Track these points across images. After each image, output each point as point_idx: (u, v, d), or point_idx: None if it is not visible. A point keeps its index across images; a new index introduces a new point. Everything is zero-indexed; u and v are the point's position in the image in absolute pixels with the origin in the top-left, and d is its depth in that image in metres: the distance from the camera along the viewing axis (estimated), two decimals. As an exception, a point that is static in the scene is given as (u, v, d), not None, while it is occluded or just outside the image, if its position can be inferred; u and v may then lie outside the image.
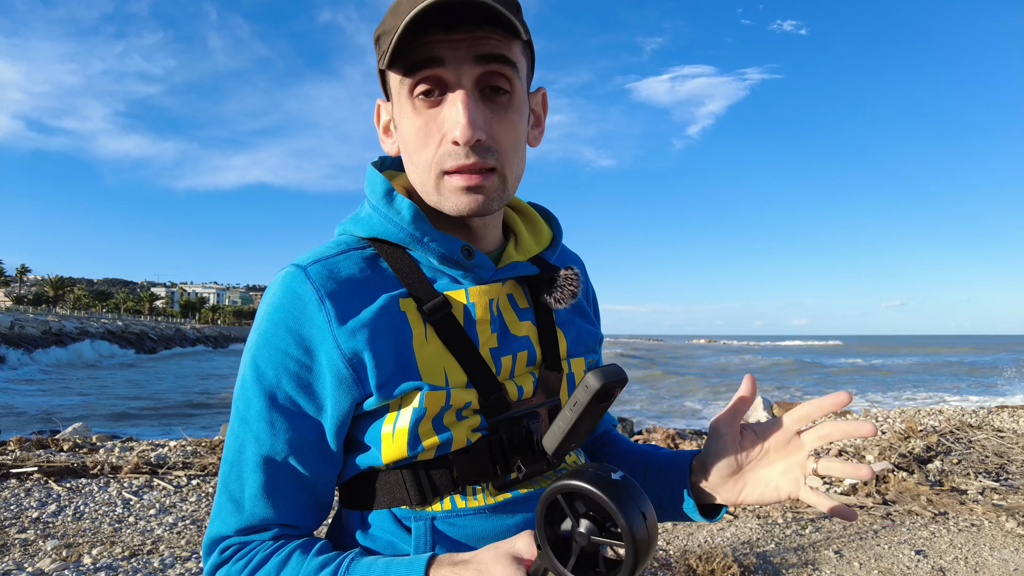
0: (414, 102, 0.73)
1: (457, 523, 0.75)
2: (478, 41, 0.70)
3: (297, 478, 0.76)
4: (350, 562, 0.70)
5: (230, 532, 0.76)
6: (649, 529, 0.57)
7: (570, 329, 0.89)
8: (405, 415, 0.73)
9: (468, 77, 0.71)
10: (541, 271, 0.85)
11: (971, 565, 3.87)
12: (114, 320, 70.05)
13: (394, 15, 0.72)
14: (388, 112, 0.82)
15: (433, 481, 0.75)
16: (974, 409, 9.85)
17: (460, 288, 0.79)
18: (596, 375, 0.63)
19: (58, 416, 15.69)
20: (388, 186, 0.79)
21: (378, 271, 0.78)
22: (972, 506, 4.92)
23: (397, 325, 0.75)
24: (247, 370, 0.76)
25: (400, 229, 0.77)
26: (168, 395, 24.19)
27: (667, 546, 4.07)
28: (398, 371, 0.74)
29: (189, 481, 5.51)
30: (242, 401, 0.76)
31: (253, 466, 0.75)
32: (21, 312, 58.21)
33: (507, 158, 0.74)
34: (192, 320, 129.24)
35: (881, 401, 20.55)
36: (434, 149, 0.73)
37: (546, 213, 0.94)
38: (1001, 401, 15.57)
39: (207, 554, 0.78)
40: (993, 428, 7.92)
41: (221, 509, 0.77)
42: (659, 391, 25.57)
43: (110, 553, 3.83)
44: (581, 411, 0.66)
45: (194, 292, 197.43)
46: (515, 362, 0.81)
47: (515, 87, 0.74)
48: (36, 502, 4.77)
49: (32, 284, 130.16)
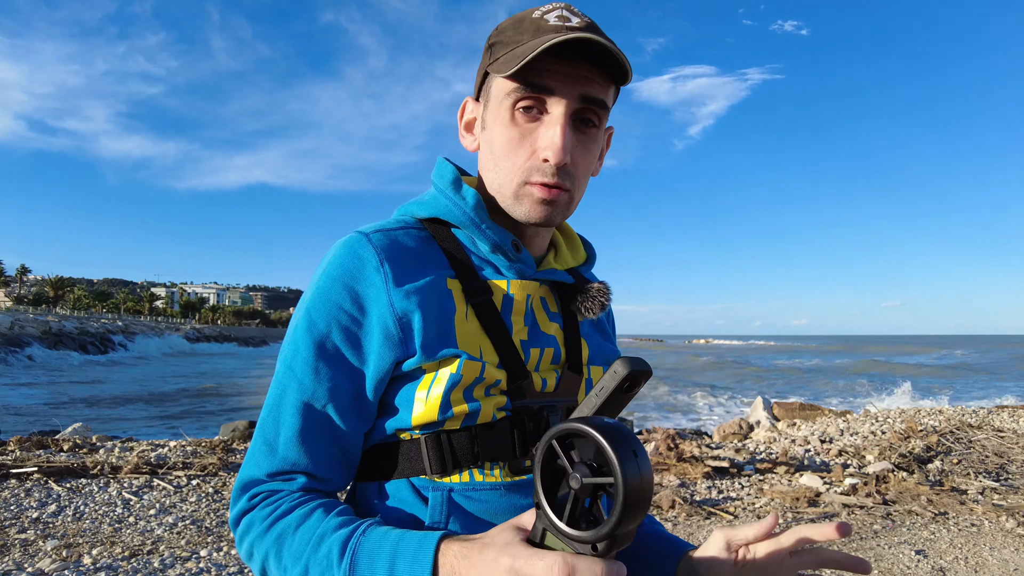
0: (513, 113, 0.81)
1: (473, 496, 0.79)
2: (585, 81, 0.79)
3: (332, 429, 0.79)
4: (367, 527, 0.72)
5: (261, 475, 0.80)
6: (641, 468, 0.55)
7: (592, 341, 0.95)
8: (441, 380, 0.78)
9: (569, 108, 0.79)
10: (575, 282, 0.92)
11: (971, 565, 3.87)
12: (114, 320, 70.01)
13: (517, 30, 0.81)
14: (474, 112, 0.90)
15: (455, 451, 0.79)
16: (974, 409, 9.85)
17: (503, 279, 0.85)
18: (624, 362, 0.63)
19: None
20: (457, 175, 0.87)
21: (432, 250, 0.85)
22: (972, 506, 4.92)
23: (443, 299, 0.81)
24: (299, 320, 0.81)
25: (463, 212, 0.84)
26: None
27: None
28: (440, 338, 0.79)
29: (189, 481, 5.51)
30: (290, 348, 0.81)
31: (292, 411, 0.79)
32: (21, 312, 58.19)
33: (579, 183, 0.83)
34: (192, 320, 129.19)
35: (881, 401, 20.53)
36: (524, 159, 0.81)
37: (584, 238, 1.03)
38: (999, 402, 15.56)
39: (236, 499, 0.81)
40: (993, 428, 7.91)
41: (255, 452, 0.81)
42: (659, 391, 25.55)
43: (110, 553, 3.83)
44: (607, 397, 0.65)
45: (194, 292, 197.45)
46: (542, 356, 0.86)
47: (600, 125, 0.83)
48: (36, 502, 4.77)
49: (32, 284, 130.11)
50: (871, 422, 8.61)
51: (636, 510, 0.55)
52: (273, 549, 0.75)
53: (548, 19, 0.79)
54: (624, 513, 0.54)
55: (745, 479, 5.86)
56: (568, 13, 0.81)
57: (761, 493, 5.37)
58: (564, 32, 0.76)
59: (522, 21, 0.81)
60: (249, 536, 0.78)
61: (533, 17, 0.81)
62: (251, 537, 0.78)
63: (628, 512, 0.54)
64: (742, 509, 4.94)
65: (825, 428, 8.51)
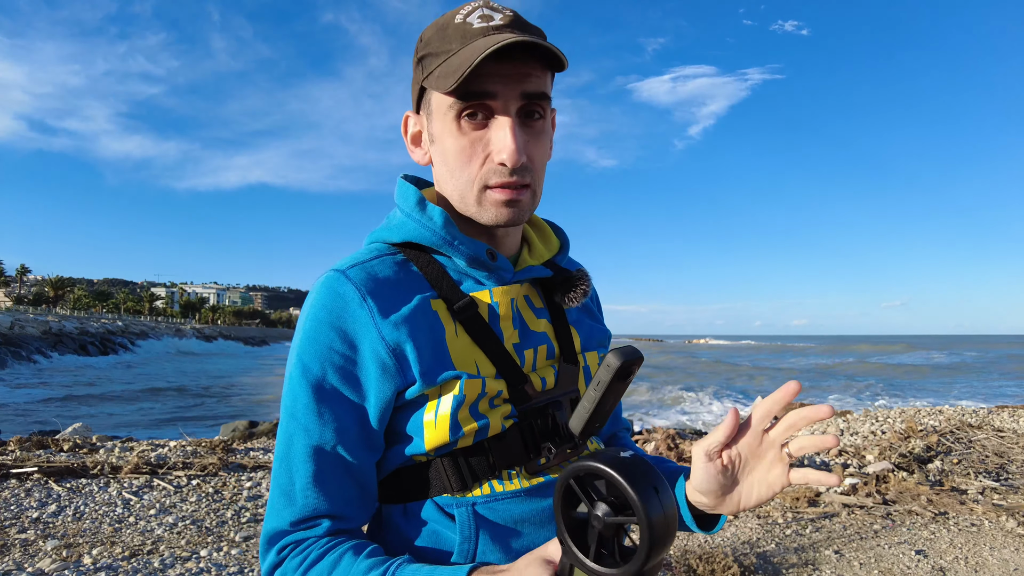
0: (460, 123, 0.81)
1: (497, 507, 0.81)
2: (524, 77, 0.79)
3: (345, 467, 0.80)
4: (398, 566, 0.74)
5: (285, 525, 0.80)
6: (664, 504, 0.57)
7: (582, 327, 0.97)
8: (446, 403, 0.79)
9: (513, 107, 0.80)
10: (554, 274, 0.93)
11: (971, 565, 3.87)
12: (114, 320, 69.99)
13: (443, 38, 0.80)
14: (418, 124, 0.90)
15: (472, 467, 0.81)
16: (974, 409, 9.85)
17: (484, 289, 0.86)
18: (616, 354, 0.67)
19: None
20: (420, 196, 0.87)
21: (409, 274, 0.85)
22: (972, 506, 4.92)
23: (431, 323, 0.82)
24: (293, 368, 0.81)
25: (433, 233, 0.84)
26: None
27: (667, 546, 4.08)
28: (436, 362, 0.80)
29: (189, 481, 5.51)
30: (290, 397, 0.81)
31: (303, 458, 0.80)
32: (21, 312, 58.18)
33: (538, 175, 0.85)
34: (192, 320, 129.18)
35: (882, 401, 20.54)
36: (478, 166, 0.81)
37: (553, 225, 1.03)
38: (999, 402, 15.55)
39: (264, 553, 0.82)
40: (993, 428, 7.91)
41: (275, 504, 0.82)
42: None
43: (110, 553, 3.83)
44: (604, 389, 0.69)
45: (194, 292, 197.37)
46: (536, 355, 0.88)
47: (546, 114, 0.84)
48: (36, 502, 4.77)
49: (32, 284, 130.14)
50: (871, 422, 8.61)
51: (662, 546, 0.56)
52: None
53: (471, 22, 0.79)
54: (651, 551, 0.55)
55: (745, 479, 5.87)
56: (488, 11, 0.81)
57: (761, 493, 5.38)
58: (490, 33, 0.78)
59: (445, 28, 0.81)
60: None
61: (456, 23, 0.80)
62: None
63: (655, 549, 0.56)
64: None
65: (825, 428, 8.51)
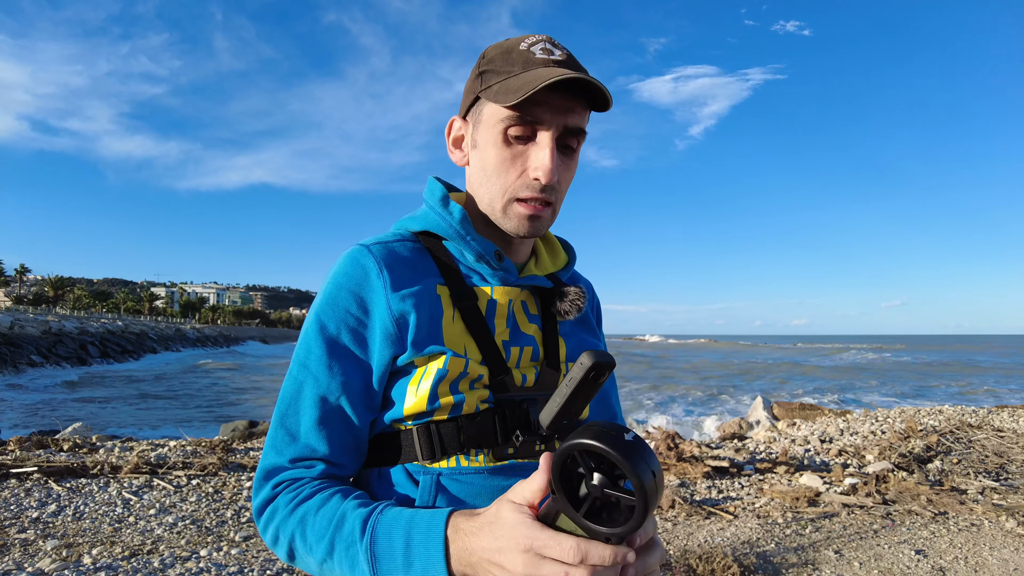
0: (506, 136, 0.89)
1: (460, 479, 0.88)
2: (569, 111, 0.88)
3: (345, 419, 0.88)
4: (384, 506, 0.80)
5: (284, 462, 0.88)
6: (658, 483, 0.64)
7: (572, 340, 1.03)
8: (430, 374, 0.87)
9: (555, 135, 0.89)
10: (555, 286, 1.01)
11: (971, 565, 3.87)
12: (114, 320, 70.01)
13: (507, 60, 0.89)
14: (463, 129, 0.98)
15: (443, 439, 0.88)
16: (974, 409, 9.85)
17: (488, 285, 0.95)
18: (589, 355, 0.72)
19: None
20: (445, 193, 0.96)
21: (424, 260, 0.94)
22: (972, 506, 4.92)
23: (432, 304, 0.90)
24: (311, 324, 0.90)
25: (450, 226, 0.94)
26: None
27: (667, 546, 4.07)
28: (429, 336, 0.88)
29: (189, 481, 5.51)
30: (304, 349, 0.90)
31: (311, 403, 0.88)
32: (21, 312, 58.16)
33: (561, 197, 0.94)
34: (192, 320, 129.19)
35: (882, 401, 20.54)
36: (514, 178, 0.90)
37: (564, 242, 1.12)
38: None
39: (258, 488, 0.89)
40: (993, 428, 7.91)
41: (277, 441, 0.89)
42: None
43: (110, 553, 3.83)
44: (575, 386, 0.74)
45: (194, 292, 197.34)
46: (522, 354, 0.95)
47: (578, 148, 0.94)
48: (36, 502, 4.77)
49: (32, 284, 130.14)
50: (871, 422, 8.61)
51: (648, 514, 0.63)
52: (298, 530, 0.83)
53: (535, 52, 0.89)
54: (641, 518, 0.63)
55: (745, 479, 5.86)
56: (551, 46, 0.90)
57: (761, 493, 5.37)
58: (550, 64, 0.87)
59: (510, 52, 0.90)
60: (274, 521, 0.85)
61: (520, 49, 0.90)
62: (276, 521, 0.85)
63: (644, 516, 0.63)
64: (742, 509, 4.94)
65: (825, 428, 8.51)
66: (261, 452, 0.92)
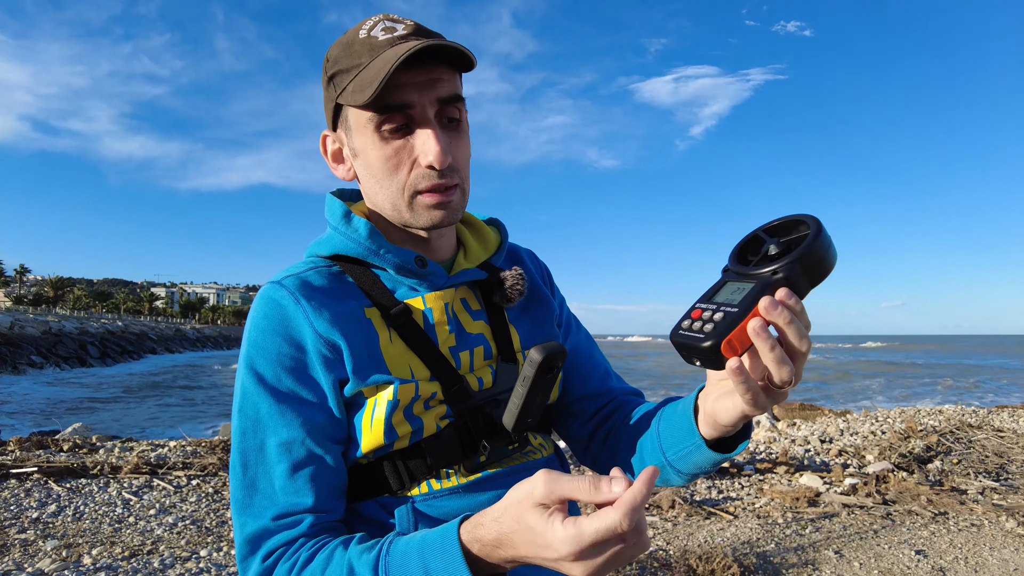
0: (381, 133, 0.82)
1: (435, 504, 0.84)
2: (436, 83, 0.81)
3: (317, 460, 0.82)
4: (391, 541, 0.74)
5: (267, 523, 0.79)
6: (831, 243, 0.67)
7: (522, 324, 0.97)
8: (380, 407, 0.81)
9: (431, 112, 0.82)
10: (489, 275, 0.94)
11: (971, 565, 3.87)
12: (114, 320, 69.99)
13: (351, 54, 0.82)
14: (337, 141, 0.91)
15: (409, 469, 0.84)
16: (974, 409, 9.85)
17: (417, 295, 0.88)
18: (538, 349, 0.70)
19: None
20: (345, 209, 0.89)
21: (343, 284, 0.87)
22: (972, 506, 4.92)
23: (364, 329, 0.84)
24: (246, 379, 0.83)
25: (358, 244, 0.87)
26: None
27: (667, 546, 4.07)
28: (370, 363, 0.82)
29: (189, 481, 5.51)
30: (250, 407, 0.83)
31: (277, 456, 0.81)
32: (21, 312, 58.16)
33: (464, 174, 0.87)
34: (192, 320, 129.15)
35: (881, 401, 20.53)
36: (406, 173, 0.83)
37: (493, 221, 1.04)
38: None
39: (247, 560, 0.80)
40: (993, 428, 7.91)
41: (251, 505, 0.81)
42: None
43: (110, 553, 3.83)
44: (530, 384, 0.72)
45: (194, 292, 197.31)
46: (472, 357, 0.89)
47: (463, 114, 0.87)
48: (36, 502, 4.77)
49: (32, 284, 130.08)
50: (871, 422, 8.61)
51: (818, 265, 0.65)
52: None
53: (376, 35, 0.81)
54: (812, 246, 0.64)
55: (745, 479, 5.86)
56: (390, 23, 0.83)
57: (761, 493, 5.37)
58: (396, 43, 0.80)
59: (351, 44, 0.83)
60: None
61: (360, 38, 0.82)
62: None
63: (813, 253, 0.64)
64: (742, 509, 4.93)
65: (825, 428, 8.51)
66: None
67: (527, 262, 1.06)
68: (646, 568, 3.65)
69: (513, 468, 0.89)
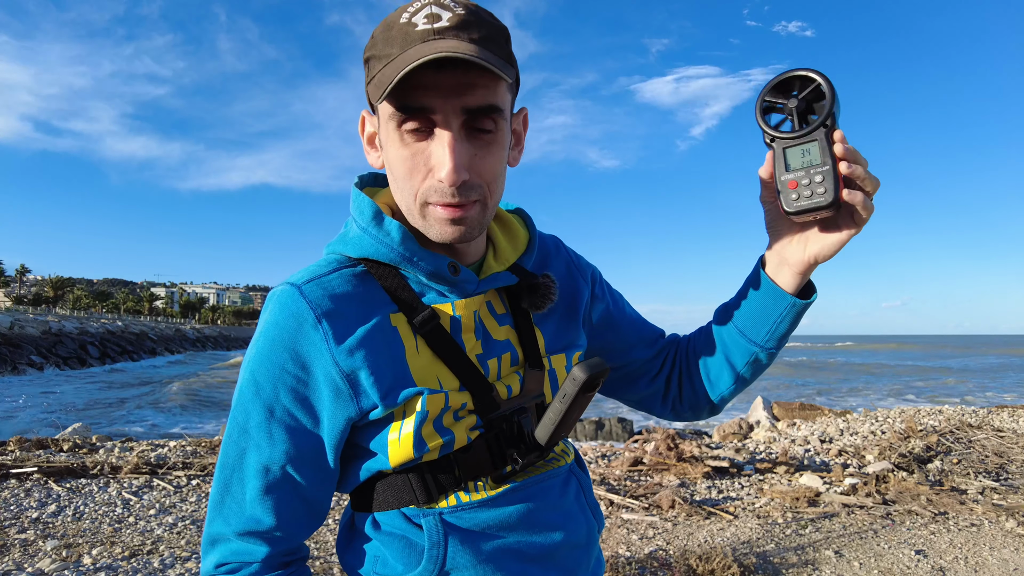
0: (401, 133, 0.75)
1: (464, 516, 0.82)
2: (466, 89, 0.72)
3: (293, 487, 0.81)
4: None
5: (229, 532, 0.81)
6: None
7: (547, 326, 0.93)
8: (409, 420, 0.79)
9: (454, 122, 0.73)
10: (520, 280, 0.89)
11: (971, 565, 3.87)
12: (114, 320, 69.94)
13: (387, 40, 0.74)
14: (374, 125, 0.84)
15: (439, 481, 0.81)
16: (974, 409, 9.85)
17: (447, 301, 0.83)
18: (582, 368, 0.69)
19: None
20: (376, 208, 0.82)
21: (369, 288, 0.82)
22: (972, 506, 4.92)
23: (390, 341, 0.79)
24: (245, 383, 0.80)
25: (391, 250, 0.80)
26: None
27: (667, 546, 4.07)
28: (396, 382, 0.78)
29: (189, 481, 5.51)
30: (241, 412, 0.80)
31: (254, 472, 0.80)
32: (21, 312, 58.11)
33: (489, 189, 0.78)
34: (192, 320, 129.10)
35: (881, 401, 20.52)
36: (420, 180, 0.76)
37: (520, 213, 0.98)
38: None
39: (205, 552, 0.83)
40: (993, 428, 7.91)
41: (222, 505, 0.82)
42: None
43: (110, 553, 3.83)
44: (570, 402, 0.72)
45: (194, 292, 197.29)
46: (500, 364, 0.86)
47: (498, 127, 0.77)
48: (36, 502, 4.77)
49: (32, 284, 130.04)
50: (871, 422, 8.61)
51: (838, 105, 0.81)
52: None
53: (416, 22, 0.73)
54: (833, 91, 0.80)
55: (745, 479, 5.86)
56: (438, 9, 0.73)
57: (761, 493, 5.37)
58: (431, 38, 0.71)
59: (391, 28, 0.74)
60: None
61: (400, 23, 0.74)
62: None
63: (837, 98, 0.80)
64: (742, 509, 4.93)
65: (825, 428, 8.51)
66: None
67: (554, 256, 1.00)
68: (646, 568, 3.64)
69: (539, 477, 0.87)
